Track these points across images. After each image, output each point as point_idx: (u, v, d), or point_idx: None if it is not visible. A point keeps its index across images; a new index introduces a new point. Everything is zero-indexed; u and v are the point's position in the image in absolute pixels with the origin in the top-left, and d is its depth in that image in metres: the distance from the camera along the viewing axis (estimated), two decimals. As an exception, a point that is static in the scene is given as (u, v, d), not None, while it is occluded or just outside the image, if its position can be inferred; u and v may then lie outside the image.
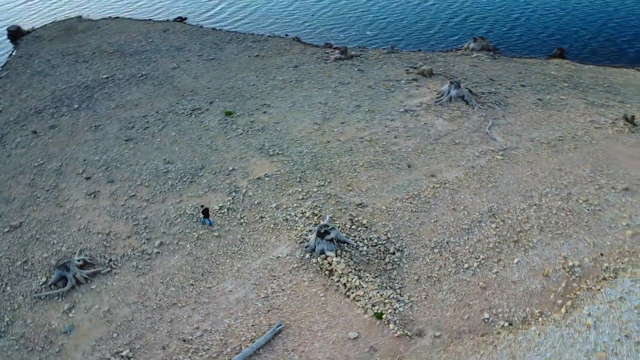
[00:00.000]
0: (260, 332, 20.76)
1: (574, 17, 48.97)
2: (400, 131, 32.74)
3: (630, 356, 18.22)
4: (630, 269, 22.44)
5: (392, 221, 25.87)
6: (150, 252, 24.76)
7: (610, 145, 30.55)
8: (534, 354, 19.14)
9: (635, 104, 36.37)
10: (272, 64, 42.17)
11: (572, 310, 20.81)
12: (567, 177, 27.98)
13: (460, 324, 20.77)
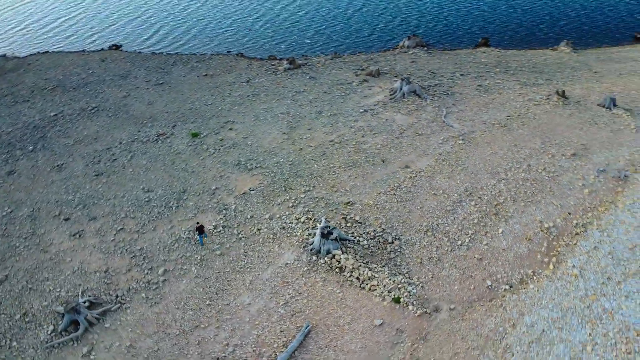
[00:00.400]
0: (290, 336, 21.60)
1: (493, 9, 53.81)
2: (365, 130, 34.64)
3: (615, 294, 21.12)
4: (595, 222, 25.78)
5: (382, 213, 27.60)
6: (156, 282, 24.67)
7: (550, 118, 34.38)
8: (538, 308, 21.61)
9: (559, 79, 40.94)
10: (223, 81, 42.61)
11: (558, 265, 23.61)
12: (523, 151, 31.24)
13: (468, 294, 22.87)
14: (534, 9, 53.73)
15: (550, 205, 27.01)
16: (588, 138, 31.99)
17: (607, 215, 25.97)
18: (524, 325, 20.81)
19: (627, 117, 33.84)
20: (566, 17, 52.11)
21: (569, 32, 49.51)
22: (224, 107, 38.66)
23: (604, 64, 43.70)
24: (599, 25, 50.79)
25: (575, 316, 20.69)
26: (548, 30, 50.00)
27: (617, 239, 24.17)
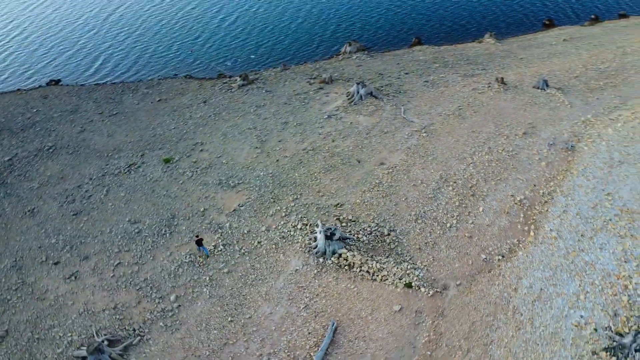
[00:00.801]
0: (318, 336, 22.74)
1: (420, 10, 57.73)
2: (334, 135, 36.37)
3: (590, 248, 24.36)
4: (558, 189, 29.23)
5: (371, 210, 29.42)
6: (170, 309, 24.79)
7: (496, 104, 38.03)
8: (532, 271, 24.38)
9: (493, 68, 45.07)
10: (179, 104, 42.57)
11: (537, 232, 26.64)
12: (481, 136, 34.44)
13: (469, 269, 25.23)
14: (457, 6, 58.32)
15: (517, 180, 30.18)
16: (533, 117, 35.83)
17: (566, 182, 29.52)
18: (524, 288, 23.44)
19: (560, 95, 38.22)
20: (485, 11, 57.14)
21: (490, 24, 54.37)
22: (188, 129, 38.76)
23: (526, 50, 48.59)
24: (514, 15, 56.24)
25: (563, 272, 23.62)
26: (471, 24, 54.60)
27: (580, 201, 27.68)
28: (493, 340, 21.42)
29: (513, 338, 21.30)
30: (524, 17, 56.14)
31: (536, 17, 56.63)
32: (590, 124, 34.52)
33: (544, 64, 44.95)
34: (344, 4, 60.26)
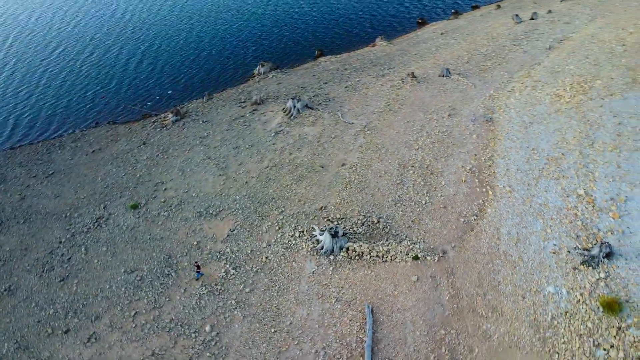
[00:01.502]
0: (359, 320, 25.43)
1: (317, 24, 62.31)
2: (288, 148, 38.98)
3: (538, 192, 30.26)
4: (495, 153, 35.21)
5: (353, 205, 32.72)
6: (211, 338, 25.57)
7: (416, 95, 43.71)
8: (504, 220, 29.60)
9: (397, 66, 51.08)
10: (118, 151, 41.72)
11: (494, 190, 32.09)
12: (416, 124, 39.64)
13: (455, 232, 29.74)
14: (346, 17, 64.07)
15: (460, 153, 35.68)
16: (450, 101, 42.02)
17: (498, 146, 35.70)
18: (504, 235, 28.54)
19: (463, 79, 45.13)
20: (371, 18, 63.72)
21: (377, 29, 60.91)
22: (141, 173, 38.44)
23: (416, 47, 55.64)
24: (393, 18, 63.59)
25: (527, 216, 29.21)
26: (362, 31, 60.65)
27: (515, 159, 33.89)
28: (499, 281, 26.02)
29: (513, 275, 26.11)
30: (402, 19, 63.73)
31: (411, 17, 64.55)
32: (495, 97, 41.58)
33: (436, 55, 52.12)
34: (245, 28, 62.73)
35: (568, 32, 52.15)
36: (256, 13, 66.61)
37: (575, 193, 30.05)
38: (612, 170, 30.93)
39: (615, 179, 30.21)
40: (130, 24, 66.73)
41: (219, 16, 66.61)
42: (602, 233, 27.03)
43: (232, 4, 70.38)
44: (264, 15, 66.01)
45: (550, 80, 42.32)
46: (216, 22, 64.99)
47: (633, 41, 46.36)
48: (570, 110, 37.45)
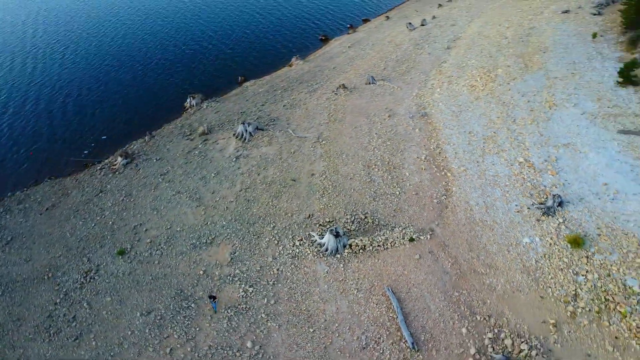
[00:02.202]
0: (385, 301, 28.58)
1: (235, 51, 64.24)
2: (254, 169, 40.96)
3: (487, 166, 36.04)
4: (439, 141, 40.59)
5: (337, 208, 35.84)
6: (255, 353, 26.88)
7: (353, 103, 48.15)
8: (470, 194, 34.77)
9: (322, 80, 55.23)
10: (76, 203, 40.24)
11: (451, 171, 37.27)
12: (363, 128, 43.96)
13: (434, 213, 34.22)
14: (257, 42, 66.93)
15: (412, 147, 40.61)
16: (385, 104, 47.09)
17: (440, 135, 41.23)
18: (475, 206, 33.62)
19: (388, 84, 50.63)
20: (280, 39, 67.40)
21: (290, 50, 64.76)
22: (112, 220, 37.73)
23: (331, 61, 60.43)
24: (299, 38, 67.97)
25: (487, 187, 34.70)
26: (275, 53, 64.05)
27: (458, 143, 39.59)
28: (485, 243, 30.91)
29: (494, 236, 31.18)
30: (307, 38, 68.39)
31: (314, 35, 69.47)
32: (421, 95, 47.49)
33: (354, 67, 57.30)
34: (163, 64, 62.55)
35: (457, 32, 60.51)
36: (175, 45, 66.80)
37: (516, 161, 36.27)
38: (538, 139, 37.79)
39: (542, 145, 37.02)
40: (37, 73, 63.01)
41: (133, 54, 65.63)
42: (548, 188, 33.28)
43: (146, 39, 69.63)
44: (183, 47, 66.47)
45: (460, 74, 49.35)
46: (133, 60, 64.03)
47: (512, 34, 55.61)
48: (487, 96, 44.38)
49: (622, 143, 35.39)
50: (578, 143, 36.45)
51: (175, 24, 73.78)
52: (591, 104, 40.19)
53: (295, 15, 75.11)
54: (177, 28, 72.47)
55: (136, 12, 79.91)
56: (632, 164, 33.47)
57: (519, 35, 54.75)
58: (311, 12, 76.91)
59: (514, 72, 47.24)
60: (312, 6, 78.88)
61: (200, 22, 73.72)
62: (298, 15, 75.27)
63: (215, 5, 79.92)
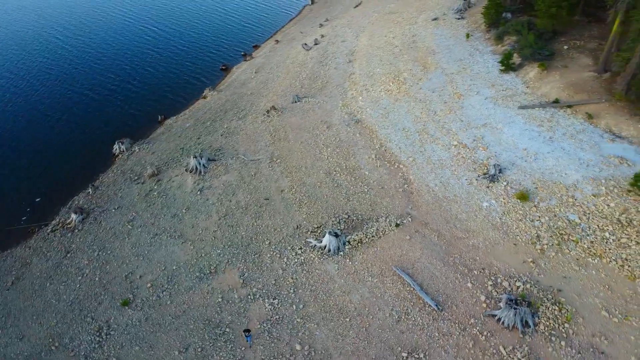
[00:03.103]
0: (398, 280, 33.01)
1: (144, 90, 63.45)
2: (222, 197, 42.56)
3: (432, 153, 42.80)
4: (381, 140, 46.45)
5: (320, 214, 39.42)
6: (307, 353, 29.39)
7: (288, 121, 51.93)
8: (425, 176, 40.98)
9: (247, 106, 57.99)
10: (45, 270, 37.77)
11: (402, 162, 43.24)
12: (309, 142, 48.02)
13: (404, 200, 39.63)
14: (160, 77, 66.95)
15: (359, 150, 45.83)
16: (318, 117, 51.72)
17: (379, 135, 47.06)
18: (434, 187, 39.83)
19: (312, 100, 55.39)
20: (182, 71, 68.34)
21: (199, 81, 66.26)
22: (97, 277, 36.49)
23: (245, 88, 63.40)
24: (201, 68, 69.75)
25: (437, 169, 41.19)
26: (185, 86, 65.09)
27: (398, 139, 45.78)
28: (456, 214, 37.10)
29: (460, 206, 37.56)
30: (209, 68, 70.40)
31: (215, 66, 71.73)
32: (347, 105, 53.11)
33: (271, 89, 61.05)
34: (74, 112, 59.46)
35: (350, 47, 67.67)
36: (79, 94, 63.57)
37: (452, 145, 43.46)
38: (460, 124, 45.56)
39: (466, 128, 44.80)
40: None
41: (39, 109, 61.09)
42: (485, 161, 40.79)
43: (46, 91, 64.95)
44: (89, 93, 63.62)
45: (373, 82, 56.09)
46: (41, 115, 59.75)
47: (400, 42, 64.25)
48: (405, 97, 51.55)
49: (525, 116, 44.54)
50: (492, 122, 44.85)
51: (71, 72, 70.15)
52: (488, 90, 49.34)
53: (188, 49, 76.33)
54: (73, 77, 69.01)
55: (28, 65, 73.84)
56: (538, 131, 42.54)
57: (407, 42, 63.50)
58: (203, 43, 78.77)
59: (418, 73, 55.27)
60: (202, 38, 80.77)
61: (97, 67, 71.15)
62: (191, 48, 76.61)
63: (105, 49, 77.46)
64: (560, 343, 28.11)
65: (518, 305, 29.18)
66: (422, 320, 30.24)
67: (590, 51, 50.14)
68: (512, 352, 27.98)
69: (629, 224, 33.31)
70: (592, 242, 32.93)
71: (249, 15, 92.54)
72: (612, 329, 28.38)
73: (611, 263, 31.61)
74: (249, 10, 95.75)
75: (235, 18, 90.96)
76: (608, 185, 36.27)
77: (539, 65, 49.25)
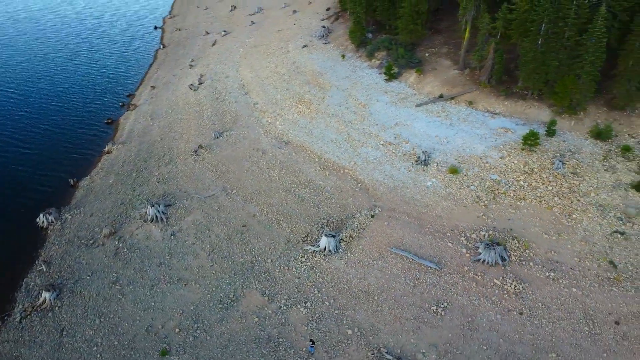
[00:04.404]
0: (397, 256, 39.66)
1: (35, 153, 58.48)
2: (200, 235, 44.00)
3: (363, 154, 50.95)
4: (320, 154, 52.86)
5: (301, 226, 43.82)
6: (367, 332, 34.28)
7: (221, 155, 54.79)
8: (370, 173, 48.62)
9: (165, 151, 58.71)
10: (44, 354, 35.04)
11: (347, 169, 50.28)
12: (253, 169, 51.86)
13: (365, 196, 46.48)
14: (53, 138, 62.55)
15: (303, 165, 51.37)
16: (248, 146, 55.60)
17: (313, 149, 53.28)
18: (384, 181, 47.69)
19: (234, 133, 58.85)
20: (78, 131, 64.95)
21: (96, 136, 63.91)
22: (114, 340, 35.46)
23: (149, 135, 63.23)
24: (92, 123, 67.20)
25: (379, 165, 49.22)
26: (87, 143, 62.35)
27: (331, 150, 52.72)
28: (411, 195, 45.36)
29: (411, 189, 45.99)
30: (92, 124, 68.14)
31: (100, 118, 69.58)
32: (268, 131, 58.08)
33: (179, 130, 62.42)
34: None
35: (237, 81, 72.45)
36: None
37: (380, 145, 51.99)
38: (377, 127, 54.45)
39: (383, 130, 53.86)
40: None
41: None
42: (412, 151, 50.13)
43: None
44: None
45: (281, 108, 62.04)
46: None
47: (285, 70, 71.39)
48: (318, 115, 58.77)
49: (424, 111, 55.38)
50: (401, 120, 54.68)
51: None
52: (385, 97, 59.39)
53: (66, 106, 72.13)
54: None
55: None
56: (439, 121, 53.56)
57: (291, 69, 70.85)
58: (78, 99, 75.01)
59: (317, 93, 62.96)
60: (75, 94, 76.74)
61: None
62: (69, 105, 72.52)
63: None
64: (529, 264, 37.87)
65: (494, 247, 38.21)
66: (431, 280, 37.33)
67: (446, 55, 63.79)
68: (504, 281, 36.76)
69: (532, 171, 45.39)
70: (515, 191, 44.05)
71: (108, 65, 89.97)
72: (555, 244, 39.22)
73: (533, 202, 42.95)
74: (107, 59, 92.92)
75: (98, 70, 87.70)
76: (506, 148, 48.32)
77: (415, 70, 60.98)
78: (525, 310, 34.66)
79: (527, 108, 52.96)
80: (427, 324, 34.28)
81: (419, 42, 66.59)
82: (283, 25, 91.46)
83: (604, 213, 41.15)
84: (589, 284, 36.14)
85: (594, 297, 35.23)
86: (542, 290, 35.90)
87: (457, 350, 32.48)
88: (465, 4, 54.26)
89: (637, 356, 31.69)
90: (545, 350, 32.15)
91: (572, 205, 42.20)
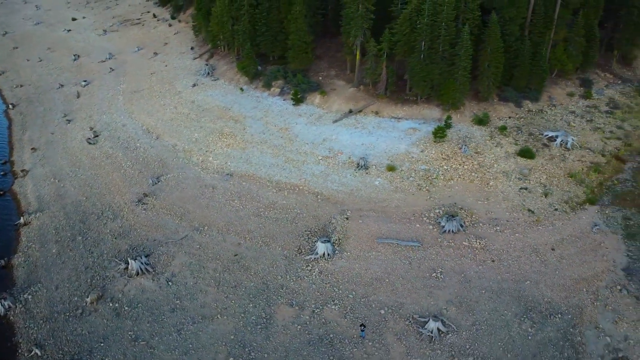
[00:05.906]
0: (385, 245, 46.85)
1: None
2: (196, 274, 44.86)
3: (307, 168, 57.62)
4: (270, 179, 57.36)
5: (291, 240, 48.11)
6: (391, 310, 40.59)
7: (173, 198, 55.34)
8: (329, 184, 55.30)
9: (103, 211, 56.42)
10: None
11: (298, 187, 55.96)
12: (213, 205, 53.93)
13: (331, 206, 52.69)
14: None
15: (259, 191, 55.30)
16: (195, 185, 56.88)
17: (259, 175, 57.60)
18: (333, 186, 54.70)
19: (171, 175, 59.34)
20: None
21: None
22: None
23: (67, 199, 59.50)
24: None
25: (329, 176, 56.20)
26: None
27: (277, 172, 57.85)
28: (369, 194, 53.18)
29: (365, 190, 53.86)
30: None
31: None
32: (205, 168, 60.10)
33: (104, 186, 60.08)
34: None
35: (141, 127, 71.36)
36: None
37: (319, 160, 58.76)
38: (308, 146, 61.17)
39: (315, 147, 60.79)
40: None
41: None
42: (349, 159, 58.12)
43: None
44: None
45: (206, 144, 64.23)
46: None
47: (187, 110, 73.06)
48: (247, 144, 62.94)
49: (342, 126, 63.89)
50: (327, 136, 62.25)
51: None
52: (301, 119, 66.33)
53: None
54: None
55: None
56: (358, 131, 62.61)
57: (193, 108, 72.79)
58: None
59: (236, 126, 66.81)
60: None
61: None
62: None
63: None
64: (480, 225, 48.77)
65: (452, 218, 48.18)
66: (420, 255, 45.53)
67: (337, 76, 73.58)
68: (470, 242, 46.80)
69: (448, 157, 57.19)
70: (443, 174, 55.13)
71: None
72: (488, 206, 50.96)
73: (459, 180, 54.48)
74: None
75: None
76: (422, 143, 59.49)
77: (319, 92, 69.27)
78: (495, 257, 45.03)
79: (421, 110, 65.25)
80: (435, 287, 42.21)
81: (307, 69, 74.98)
82: (153, 69, 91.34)
83: (508, 177, 54.49)
84: (523, 228, 48.25)
85: (531, 236, 47.33)
86: (497, 241, 46.78)
87: (466, 299, 41.04)
88: (355, 32, 64.39)
89: (574, 267, 44.13)
90: (521, 281, 42.69)
91: (486, 176, 54.71)
